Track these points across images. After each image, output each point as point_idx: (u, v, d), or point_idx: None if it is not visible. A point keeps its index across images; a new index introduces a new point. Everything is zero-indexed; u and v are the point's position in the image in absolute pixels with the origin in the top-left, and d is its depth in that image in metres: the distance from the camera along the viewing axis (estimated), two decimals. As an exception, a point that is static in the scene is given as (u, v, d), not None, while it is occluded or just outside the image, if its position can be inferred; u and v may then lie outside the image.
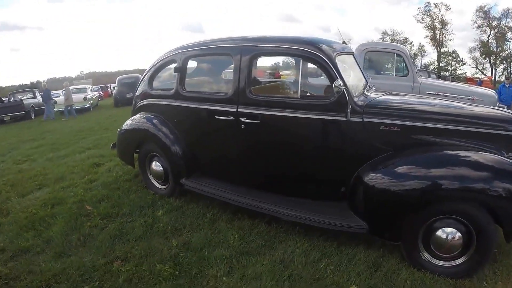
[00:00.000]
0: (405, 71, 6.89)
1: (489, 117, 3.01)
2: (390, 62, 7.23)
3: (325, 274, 2.74)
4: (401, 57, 6.88)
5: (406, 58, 6.86)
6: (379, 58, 7.59)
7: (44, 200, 4.82)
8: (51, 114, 16.66)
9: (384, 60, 7.50)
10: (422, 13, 51.87)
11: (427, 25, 51.77)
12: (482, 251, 2.60)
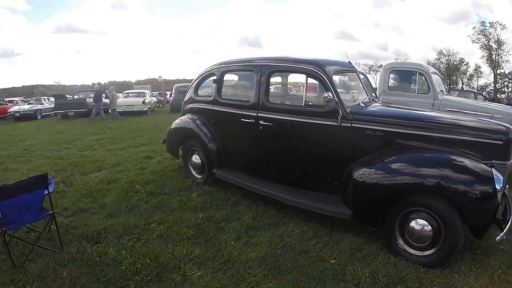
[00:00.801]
0: (427, 89, 7.25)
1: (472, 127, 3.51)
2: (413, 80, 7.57)
3: (312, 249, 3.46)
4: (423, 75, 7.26)
5: (427, 76, 7.21)
6: (403, 77, 8.00)
7: (102, 178, 5.98)
8: (101, 114, 18.26)
9: (408, 78, 7.85)
10: (477, 32, 50.19)
11: (482, 45, 49.95)
12: (449, 244, 3.11)
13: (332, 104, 3.80)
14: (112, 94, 18.17)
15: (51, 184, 3.68)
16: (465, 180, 3.01)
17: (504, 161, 3.43)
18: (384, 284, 2.88)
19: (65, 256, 3.35)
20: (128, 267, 3.14)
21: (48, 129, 14.66)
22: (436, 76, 7.85)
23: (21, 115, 20.83)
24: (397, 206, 3.27)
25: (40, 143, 10.46)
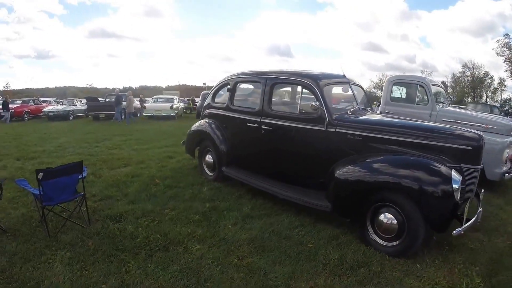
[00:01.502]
0: (426, 100, 7.62)
1: (444, 134, 4.03)
2: (413, 92, 7.93)
3: (295, 236, 4.10)
4: (423, 88, 7.65)
5: (427, 89, 7.58)
6: (405, 88, 8.44)
7: (127, 173, 6.86)
8: (118, 117, 19.47)
9: (409, 90, 8.25)
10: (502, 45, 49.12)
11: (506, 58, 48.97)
12: (411, 237, 3.61)
13: (320, 112, 4.48)
14: (129, 99, 19.36)
15: (85, 171, 4.50)
16: (425, 180, 3.53)
17: (474, 165, 3.93)
18: (349, 266, 3.46)
19: (91, 230, 4.14)
20: (142, 240, 3.89)
21: (80, 129, 15.86)
22: (439, 89, 8.31)
23: (54, 115, 22.36)
24: (368, 200, 3.85)
25: (72, 141, 11.53)
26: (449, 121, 6.88)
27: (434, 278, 3.34)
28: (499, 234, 4.46)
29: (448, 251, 3.88)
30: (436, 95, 8.03)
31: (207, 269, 3.34)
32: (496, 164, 6.21)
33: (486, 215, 4.88)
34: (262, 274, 3.27)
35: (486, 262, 3.72)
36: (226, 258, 3.56)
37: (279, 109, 5.32)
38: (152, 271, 3.29)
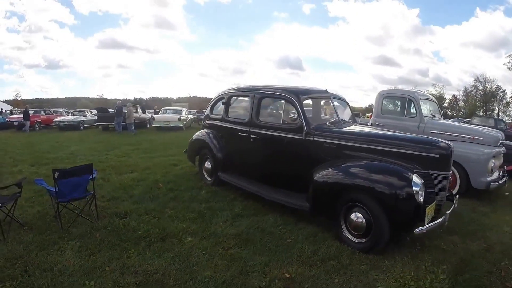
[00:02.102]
0: (415, 113, 7.99)
1: (412, 142, 4.46)
2: (402, 105, 8.34)
3: (277, 232, 4.61)
4: (412, 101, 8.07)
5: (415, 102, 7.98)
6: (395, 102, 8.89)
7: (133, 177, 7.49)
8: (118, 128, 20.18)
9: (398, 103, 8.68)
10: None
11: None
12: (377, 235, 3.98)
13: (299, 123, 5.04)
14: (129, 110, 20.22)
15: (94, 173, 5.10)
16: (388, 183, 3.94)
17: (442, 171, 4.34)
18: (321, 258, 3.93)
19: (99, 225, 4.73)
20: (142, 233, 4.46)
21: (90, 139, 16.62)
22: (431, 102, 8.75)
23: (65, 125, 23.26)
24: (341, 201, 4.33)
25: (83, 150, 12.25)
26: (437, 133, 7.31)
27: (400, 273, 3.68)
28: (476, 238, 4.76)
29: (420, 250, 4.23)
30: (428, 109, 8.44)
31: (196, 257, 3.88)
32: (481, 174, 6.55)
33: (468, 221, 5.33)
34: (243, 262, 3.78)
35: (456, 262, 4.01)
36: (213, 248, 4.09)
37: (265, 120, 5.86)
38: (149, 258, 3.84)
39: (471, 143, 7.09)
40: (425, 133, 7.36)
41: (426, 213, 3.91)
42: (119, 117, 20.39)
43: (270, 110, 6.09)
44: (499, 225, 5.32)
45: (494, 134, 7.51)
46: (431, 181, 4.23)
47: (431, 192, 4.18)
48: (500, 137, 7.41)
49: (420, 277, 3.61)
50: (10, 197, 4.80)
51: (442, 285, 3.49)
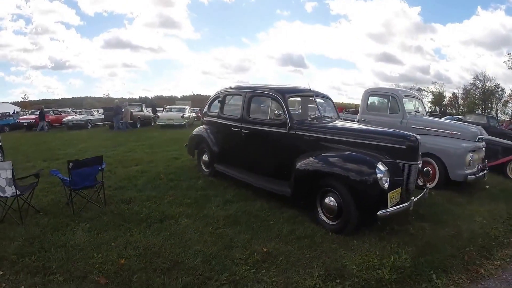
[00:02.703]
0: (398, 110, 8.40)
1: (383, 135, 4.98)
2: (386, 102, 8.75)
3: (262, 215, 5.16)
4: (395, 98, 8.50)
5: (398, 99, 8.41)
6: (379, 99, 9.32)
7: (137, 170, 8.14)
8: (117, 126, 20.84)
9: (383, 100, 9.10)
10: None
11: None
12: (347, 218, 4.44)
13: (283, 118, 5.60)
14: (126, 109, 21.03)
15: (103, 164, 5.71)
16: (356, 170, 4.42)
17: (409, 161, 4.72)
18: (297, 236, 4.45)
19: (106, 209, 5.33)
20: (144, 215, 5.07)
21: (98, 136, 17.31)
22: (415, 100, 9.25)
23: (73, 124, 24.08)
24: (317, 186, 4.86)
25: (91, 146, 12.90)
26: (418, 128, 7.77)
27: (366, 251, 4.08)
28: (446, 225, 5.07)
29: (388, 233, 4.60)
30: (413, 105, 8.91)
31: (189, 234, 4.46)
32: (458, 166, 6.93)
33: (442, 210, 5.69)
34: (228, 239, 4.35)
35: (421, 245, 4.34)
36: (204, 228, 4.67)
37: (255, 116, 6.42)
38: (149, 235, 4.42)
39: (449, 138, 7.53)
40: (407, 128, 7.75)
41: (389, 198, 4.36)
42: (117, 116, 21.12)
43: (259, 107, 6.61)
44: (472, 215, 5.63)
45: (472, 130, 7.89)
46: (399, 169, 4.71)
47: (399, 180, 4.64)
48: (478, 132, 7.77)
49: (384, 256, 3.98)
50: (27, 187, 5.42)
51: (404, 264, 3.85)
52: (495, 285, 3.81)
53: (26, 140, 15.99)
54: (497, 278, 3.92)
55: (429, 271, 3.81)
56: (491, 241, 4.74)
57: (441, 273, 3.86)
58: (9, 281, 3.49)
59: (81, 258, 3.86)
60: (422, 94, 67.75)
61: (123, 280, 3.44)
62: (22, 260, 3.85)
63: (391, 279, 3.58)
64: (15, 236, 4.42)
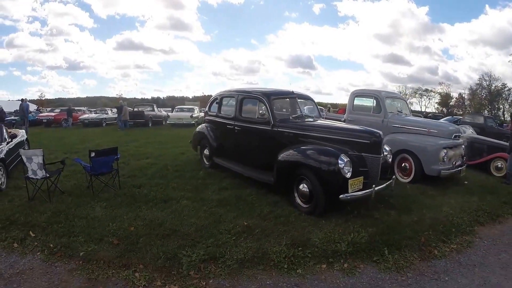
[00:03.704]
0: (380, 110, 8.85)
1: (350, 131, 5.78)
2: (370, 103, 9.23)
3: (249, 199, 5.97)
4: (377, 99, 8.95)
5: (381, 100, 8.84)
6: (363, 100, 9.69)
7: (148, 162, 9.16)
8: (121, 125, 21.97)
9: (367, 101, 9.51)
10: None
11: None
12: (316, 201, 5.21)
13: (267, 117, 6.48)
14: (124, 109, 22.13)
15: (118, 154, 6.69)
16: (322, 161, 5.16)
17: (373, 154, 5.44)
18: (274, 215, 5.27)
19: (120, 192, 6.31)
20: (151, 197, 6.03)
21: (112, 134, 18.39)
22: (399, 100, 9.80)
23: (89, 122, 25.29)
24: (294, 175, 5.65)
25: (107, 142, 13.92)
26: (398, 126, 8.37)
27: (330, 229, 4.75)
28: (411, 213, 5.55)
29: (355, 217, 5.23)
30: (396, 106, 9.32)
31: (187, 212, 5.39)
32: (433, 162, 7.37)
33: (412, 200, 6.22)
34: (218, 216, 5.26)
35: (382, 227, 4.86)
36: (200, 207, 5.59)
37: (246, 115, 7.26)
38: (155, 211, 5.37)
39: (426, 135, 7.98)
40: (388, 127, 8.39)
41: (350, 184, 5.03)
42: (120, 115, 22.33)
43: (249, 108, 7.35)
44: (440, 206, 6.06)
45: (448, 128, 8.38)
46: (364, 161, 5.47)
47: (363, 170, 5.37)
48: (454, 130, 8.24)
49: (345, 234, 4.62)
50: (55, 171, 6.42)
51: (361, 240, 4.46)
52: (445, 264, 4.26)
53: (46, 136, 17.07)
54: (450, 259, 4.38)
55: (383, 247, 4.37)
56: (452, 228, 5.18)
57: (394, 250, 4.39)
58: (41, 241, 4.47)
59: (99, 226, 4.81)
60: (429, 95, 67.38)
61: (132, 241, 4.38)
62: (50, 226, 4.84)
63: (347, 251, 4.25)
64: (45, 210, 5.41)
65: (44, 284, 3.58)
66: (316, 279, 3.77)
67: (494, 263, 4.33)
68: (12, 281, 3.63)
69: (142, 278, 3.66)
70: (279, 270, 3.88)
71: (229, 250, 4.19)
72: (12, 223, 4.94)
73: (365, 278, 3.84)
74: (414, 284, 3.80)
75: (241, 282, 3.65)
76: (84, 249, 4.18)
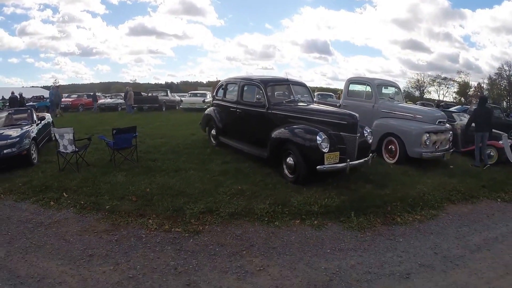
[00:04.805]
0: (371, 96, 9.46)
1: (332, 114, 6.68)
2: (363, 89, 9.83)
3: (247, 171, 7.05)
4: (369, 86, 9.57)
5: (372, 87, 9.46)
6: (357, 86, 10.32)
7: (162, 141, 10.33)
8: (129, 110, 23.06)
9: (360, 88, 10.13)
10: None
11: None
12: (299, 171, 6.19)
13: (263, 101, 7.47)
14: (129, 94, 23.15)
15: (136, 132, 7.84)
16: (304, 137, 6.12)
17: (350, 133, 6.24)
18: (264, 183, 6.28)
19: (138, 164, 7.48)
20: (164, 168, 7.17)
21: (128, 117, 19.64)
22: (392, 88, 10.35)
23: (105, 106, 26.55)
24: (282, 149, 6.64)
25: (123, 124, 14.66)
26: (386, 111, 9.00)
27: (309, 195, 5.66)
28: (386, 188, 6.21)
29: (333, 187, 6.08)
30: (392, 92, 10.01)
31: (193, 179, 6.52)
32: (415, 145, 7.96)
33: (392, 178, 6.87)
34: (218, 182, 6.36)
35: (354, 197, 5.66)
36: (204, 176, 6.70)
37: (246, 99, 8.27)
38: (166, 179, 6.49)
39: (411, 120, 8.53)
40: (378, 112, 9.07)
41: (326, 157, 5.94)
42: (126, 99, 23.51)
43: (249, 93, 8.28)
44: (416, 184, 6.61)
45: (434, 114, 8.88)
46: (342, 139, 6.33)
47: (341, 147, 6.24)
48: (439, 116, 8.73)
49: (320, 199, 5.56)
50: (82, 147, 7.59)
51: (332, 204, 5.39)
52: (404, 229, 4.88)
53: (67, 119, 18.24)
54: (410, 226, 5.00)
55: (350, 211, 5.19)
56: (420, 202, 5.75)
57: (360, 215, 5.15)
58: (73, 200, 5.67)
59: (120, 188, 5.98)
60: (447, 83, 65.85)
61: (147, 198, 5.56)
62: (80, 189, 6.04)
63: (319, 211, 5.19)
64: (74, 178, 6.61)
65: (77, 228, 4.76)
66: (289, 230, 4.77)
67: (451, 233, 4.88)
68: (51, 227, 4.81)
69: (154, 223, 4.82)
70: (260, 221, 4.95)
71: (223, 205, 5.29)
72: (48, 188, 6.14)
73: (329, 233, 4.71)
74: (369, 240, 4.55)
75: (230, 228, 4.75)
76: (109, 204, 5.37)
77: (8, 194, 5.98)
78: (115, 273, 3.68)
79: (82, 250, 4.14)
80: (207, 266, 3.86)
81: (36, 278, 3.58)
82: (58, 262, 3.88)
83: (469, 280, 3.74)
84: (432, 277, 3.78)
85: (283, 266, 3.88)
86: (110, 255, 4.04)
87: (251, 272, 3.75)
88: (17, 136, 7.59)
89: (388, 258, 4.15)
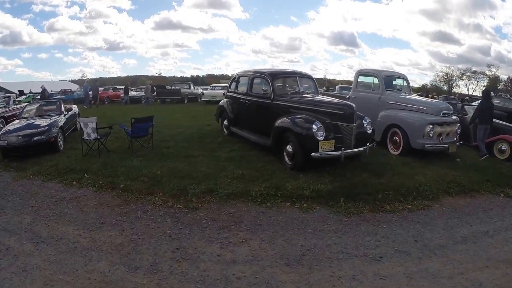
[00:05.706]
0: (378, 87, 9.61)
1: (331, 104, 7.05)
2: (371, 81, 10.02)
3: (252, 159, 7.56)
4: (377, 78, 9.73)
5: (379, 79, 9.59)
6: (366, 78, 10.63)
7: (178, 131, 11.07)
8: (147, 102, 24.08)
9: (368, 79, 10.33)
10: None
11: None
12: (297, 159, 6.63)
13: (269, 93, 7.93)
14: (146, 87, 24.41)
15: (153, 122, 8.54)
16: (302, 126, 6.50)
17: (346, 123, 6.55)
18: (264, 169, 6.77)
19: (153, 151, 8.18)
20: (177, 154, 7.86)
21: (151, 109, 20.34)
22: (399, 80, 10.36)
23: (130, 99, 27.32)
24: (283, 138, 7.09)
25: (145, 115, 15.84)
26: (392, 103, 9.14)
27: (304, 181, 5.99)
28: (382, 177, 6.32)
29: (328, 174, 6.39)
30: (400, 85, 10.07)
31: (200, 164, 7.15)
32: (418, 136, 7.99)
33: (390, 168, 6.99)
34: (223, 167, 6.94)
35: (347, 184, 5.93)
36: (211, 162, 7.31)
37: (254, 91, 8.77)
38: (177, 164, 7.13)
39: (415, 112, 8.55)
40: (384, 103, 9.23)
41: (320, 145, 6.28)
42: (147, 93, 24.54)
43: (257, 85, 8.76)
44: (415, 175, 6.62)
45: (438, 106, 8.87)
46: (338, 128, 6.70)
47: (338, 136, 6.58)
48: (443, 107, 8.65)
49: (313, 184, 5.84)
50: (104, 135, 8.34)
51: (324, 189, 5.69)
52: (391, 217, 5.01)
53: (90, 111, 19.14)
54: (398, 214, 5.09)
55: (340, 197, 5.44)
56: (414, 192, 5.79)
57: (350, 201, 5.37)
58: (92, 180, 6.41)
59: (135, 171, 6.66)
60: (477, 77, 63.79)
61: (157, 179, 6.23)
62: (100, 171, 6.77)
63: (309, 196, 5.52)
64: (95, 162, 7.37)
65: (94, 203, 5.51)
66: (279, 211, 5.21)
67: (439, 224, 4.89)
68: (72, 201, 5.59)
69: (160, 200, 5.48)
70: (254, 202, 5.46)
71: (222, 187, 5.86)
72: (71, 170, 6.94)
73: (316, 215, 5.02)
74: (352, 224, 4.77)
75: (225, 207, 5.32)
76: (123, 184, 6.08)
77: (37, 175, 6.81)
78: (120, 237, 4.40)
79: (96, 219, 4.88)
80: (197, 235, 4.47)
81: (55, 238, 4.35)
82: (74, 228, 4.64)
83: (443, 268, 3.80)
84: (405, 262, 3.90)
85: (263, 240, 4.38)
86: (118, 224, 4.75)
87: (234, 243, 4.31)
88: (46, 125, 8.51)
89: (365, 241, 4.35)
